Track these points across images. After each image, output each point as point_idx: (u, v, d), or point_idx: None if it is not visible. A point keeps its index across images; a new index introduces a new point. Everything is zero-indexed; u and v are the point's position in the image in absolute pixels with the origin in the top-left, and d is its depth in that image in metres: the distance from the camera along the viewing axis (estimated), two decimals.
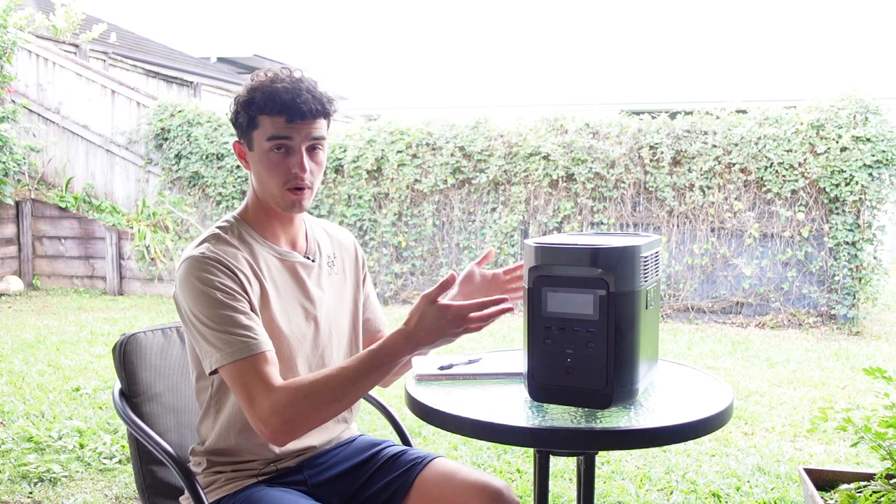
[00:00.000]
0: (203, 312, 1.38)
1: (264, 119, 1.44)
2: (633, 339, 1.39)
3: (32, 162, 8.47)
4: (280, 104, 1.42)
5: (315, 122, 1.45)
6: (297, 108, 1.42)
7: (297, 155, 1.45)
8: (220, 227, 1.52)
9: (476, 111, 7.56)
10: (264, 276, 1.49)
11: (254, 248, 1.51)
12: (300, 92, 1.43)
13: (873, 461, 3.04)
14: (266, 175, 1.47)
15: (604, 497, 2.86)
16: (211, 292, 1.39)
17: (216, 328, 1.37)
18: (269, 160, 1.45)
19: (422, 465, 1.57)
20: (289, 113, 1.42)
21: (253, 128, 1.46)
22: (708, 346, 5.67)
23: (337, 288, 1.63)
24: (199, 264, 1.41)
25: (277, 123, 1.43)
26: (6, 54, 7.84)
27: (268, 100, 1.43)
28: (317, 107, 1.44)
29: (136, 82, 10.12)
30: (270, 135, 1.44)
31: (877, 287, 6.37)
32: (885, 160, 6.16)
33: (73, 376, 4.52)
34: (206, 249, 1.44)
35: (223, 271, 1.41)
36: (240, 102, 1.47)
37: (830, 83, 7.58)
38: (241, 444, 1.50)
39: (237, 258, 1.45)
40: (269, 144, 1.44)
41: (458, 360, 1.74)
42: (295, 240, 1.58)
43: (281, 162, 1.45)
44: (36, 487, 2.92)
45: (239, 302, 1.40)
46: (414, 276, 7.56)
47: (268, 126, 1.44)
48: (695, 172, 6.66)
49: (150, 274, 7.84)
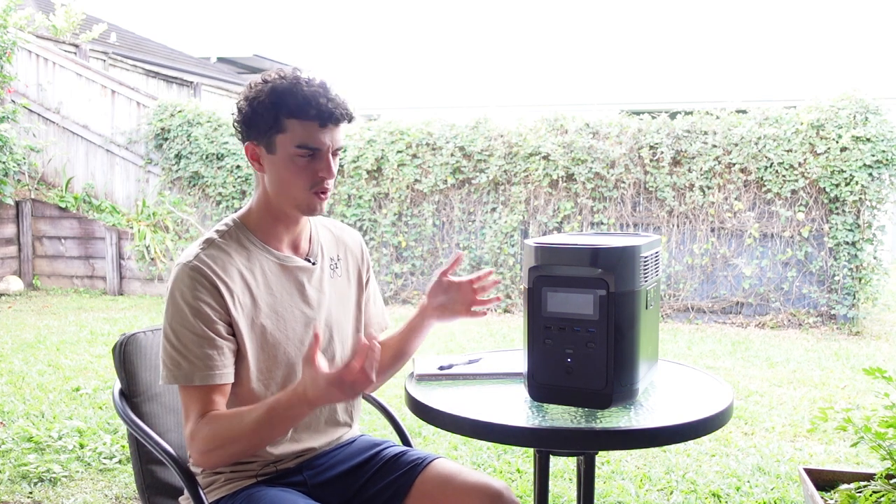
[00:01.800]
0: (171, 326, 1.41)
1: (293, 123, 1.41)
2: (633, 339, 1.39)
3: (32, 162, 8.47)
4: (314, 109, 1.41)
5: (340, 127, 1.46)
6: (330, 112, 1.42)
7: (324, 160, 1.45)
8: (218, 230, 1.52)
9: (476, 111, 7.56)
10: (258, 285, 1.48)
11: (251, 254, 1.50)
12: (329, 95, 1.43)
13: (873, 461, 3.04)
14: (291, 178, 1.44)
15: (604, 497, 2.86)
16: (185, 310, 1.40)
17: (175, 347, 1.40)
18: (295, 164, 1.44)
19: (422, 467, 1.57)
20: (321, 118, 1.41)
21: (277, 131, 1.42)
22: (708, 346, 5.67)
23: (340, 290, 1.63)
24: (187, 277, 1.42)
25: (309, 129, 1.41)
26: (6, 54, 7.84)
27: (299, 103, 1.40)
28: (344, 111, 1.45)
29: (136, 82, 10.12)
30: (301, 141, 1.42)
31: (877, 287, 6.37)
32: (885, 160, 6.16)
33: (73, 376, 4.52)
34: (197, 258, 1.43)
35: (207, 288, 1.41)
36: (261, 104, 1.42)
37: (830, 83, 7.58)
38: None
39: (227, 269, 1.45)
40: (297, 150, 1.42)
41: (458, 360, 1.74)
42: (298, 242, 1.58)
43: (308, 166, 1.44)
44: (36, 487, 2.92)
45: (211, 325, 1.40)
46: (414, 277, 7.56)
47: (297, 131, 1.41)
48: (695, 172, 6.66)
49: (150, 274, 7.84)
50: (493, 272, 1.71)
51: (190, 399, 1.40)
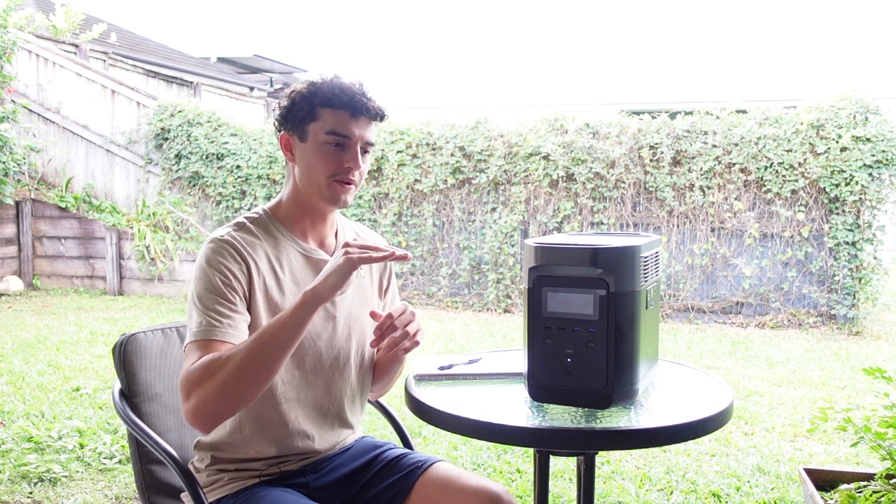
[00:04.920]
0: (197, 291, 1.43)
1: (326, 112, 1.48)
2: (633, 339, 1.39)
3: (32, 162, 8.47)
4: (347, 98, 1.47)
5: (372, 123, 1.51)
6: (363, 104, 1.48)
7: (351, 150, 1.49)
8: (248, 217, 1.55)
9: (476, 111, 7.56)
10: (282, 271, 1.51)
11: (278, 242, 1.53)
12: (363, 90, 1.50)
13: (873, 461, 3.04)
14: (317, 165, 1.49)
15: (604, 497, 2.86)
16: (211, 274, 1.42)
17: (199, 309, 1.41)
18: (322, 152, 1.48)
19: (422, 470, 1.57)
20: (353, 107, 1.47)
21: (311, 119, 1.49)
22: (708, 346, 5.67)
23: (363, 291, 1.64)
24: (215, 246, 1.45)
25: (340, 117, 1.47)
26: (6, 54, 7.83)
27: (335, 92, 1.47)
28: (377, 108, 1.50)
29: (136, 82, 10.12)
30: (331, 128, 1.47)
31: (877, 287, 6.37)
32: (885, 160, 6.16)
33: (73, 376, 4.52)
34: (227, 233, 1.48)
35: (233, 255, 1.45)
36: (299, 93, 1.50)
37: (830, 83, 7.58)
38: (252, 435, 1.50)
39: (255, 249, 1.49)
40: (327, 137, 1.48)
41: (458, 360, 1.74)
42: (324, 239, 1.60)
43: (335, 154, 1.49)
44: (36, 487, 2.92)
45: (231, 290, 1.42)
46: (414, 276, 7.56)
47: (329, 119, 1.47)
48: (695, 172, 6.66)
49: (150, 274, 7.84)
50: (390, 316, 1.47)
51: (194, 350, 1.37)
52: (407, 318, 1.46)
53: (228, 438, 1.51)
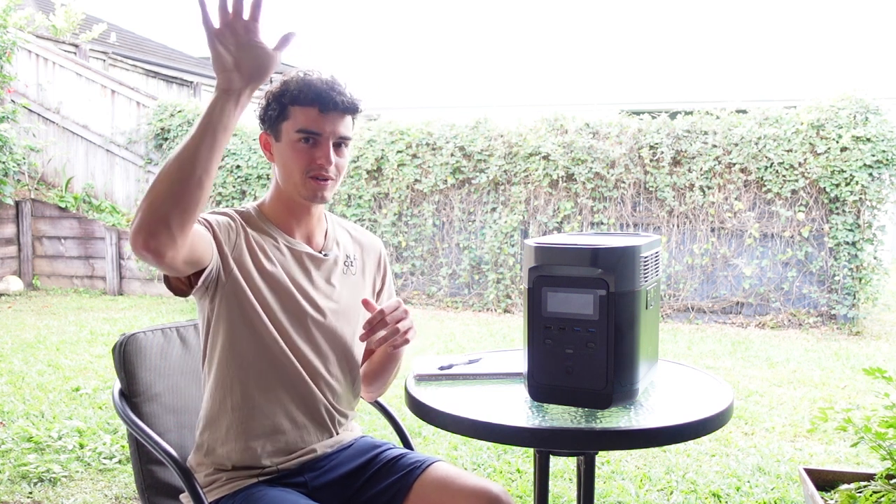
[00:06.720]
0: None
1: (296, 110, 1.48)
2: (633, 339, 1.39)
3: (32, 162, 8.47)
4: (314, 95, 1.48)
5: (344, 118, 1.51)
6: (331, 99, 1.48)
7: (323, 147, 1.49)
8: (237, 210, 1.58)
9: (476, 111, 7.56)
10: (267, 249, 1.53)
11: (265, 236, 1.55)
12: (333, 85, 1.50)
13: (873, 461, 3.04)
14: (291, 163, 1.50)
15: (604, 497, 2.86)
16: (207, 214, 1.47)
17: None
18: (295, 149, 1.49)
19: (420, 470, 1.57)
20: (321, 103, 1.47)
21: (283, 118, 1.50)
22: (708, 346, 5.67)
23: (353, 288, 1.65)
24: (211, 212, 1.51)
25: (310, 114, 1.48)
26: (6, 54, 7.83)
27: (301, 90, 1.48)
28: (348, 102, 1.50)
29: (136, 82, 10.12)
30: (301, 126, 1.48)
31: (877, 287, 6.37)
32: (885, 160, 6.16)
33: (73, 376, 4.52)
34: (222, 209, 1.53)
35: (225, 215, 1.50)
36: (272, 93, 1.51)
37: (830, 83, 7.58)
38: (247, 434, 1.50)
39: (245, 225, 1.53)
40: (298, 135, 1.48)
41: (458, 360, 1.74)
42: (311, 236, 1.61)
43: (308, 151, 1.49)
44: (36, 487, 2.91)
45: (215, 227, 1.45)
46: (414, 276, 7.56)
47: (299, 117, 1.48)
48: (695, 172, 6.66)
49: (149, 274, 7.84)
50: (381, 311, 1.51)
51: None
52: (398, 314, 1.49)
53: (225, 438, 1.52)
